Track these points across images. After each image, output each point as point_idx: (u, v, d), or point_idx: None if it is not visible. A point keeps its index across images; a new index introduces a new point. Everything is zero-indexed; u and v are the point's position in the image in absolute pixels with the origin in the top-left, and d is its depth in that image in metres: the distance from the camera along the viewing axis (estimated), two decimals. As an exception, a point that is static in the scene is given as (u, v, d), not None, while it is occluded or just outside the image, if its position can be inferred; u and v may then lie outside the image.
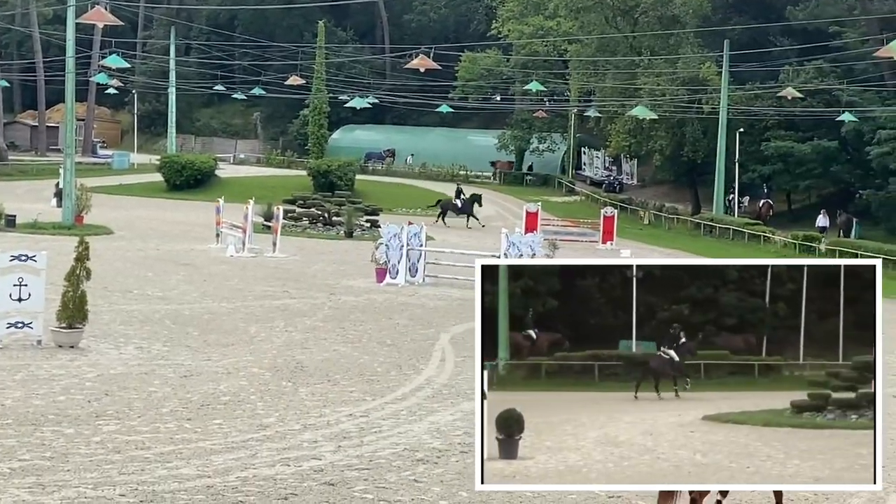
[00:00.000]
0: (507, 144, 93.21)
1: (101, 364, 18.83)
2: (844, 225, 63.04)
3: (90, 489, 11.76)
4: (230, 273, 33.92)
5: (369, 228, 50.95)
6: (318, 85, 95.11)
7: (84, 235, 23.75)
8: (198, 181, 74.98)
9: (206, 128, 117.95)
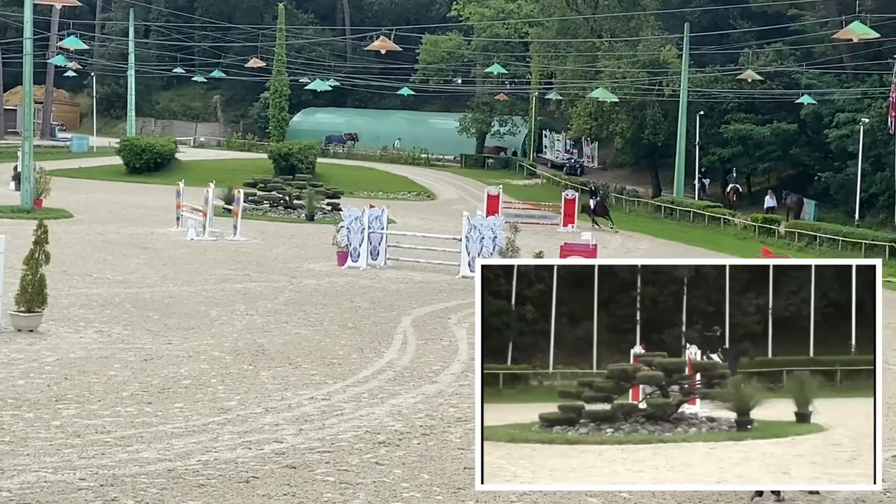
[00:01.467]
0: (469, 127, 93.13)
1: (61, 348, 18.74)
2: (795, 206, 63.37)
3: (50, 473, 11.71)
4: (191, 257, 33.79)
5: (330, 212, 50.85)
6: (278, 67, 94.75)
7: (43, 219, 23.60)
8: (158, 164, 74.52)
9: (166, 111, 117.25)
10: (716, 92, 70.72)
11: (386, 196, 65.45)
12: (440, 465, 12.91)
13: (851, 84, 66.86)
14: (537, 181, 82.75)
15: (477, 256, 32.68)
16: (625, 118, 74.37)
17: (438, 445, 13.86)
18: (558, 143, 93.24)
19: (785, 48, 70.92)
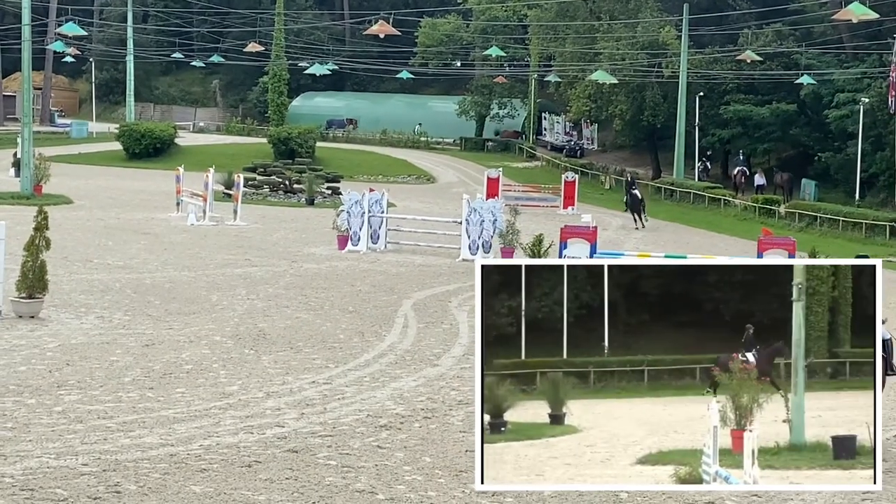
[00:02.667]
0: (468, 110, 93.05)
1: (62, 334, 18.76)
2: (785, 184, 63.25)
3: (53, 459, 11.74)
4: (191, 242, 33.81)
5: (330, 196, 50.83)
6: (277, 52, 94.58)
7: (43, 205, 23.62)
8: (157, 150, 74.50)
9: (165, 96, 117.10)
10: (715, 73, 70.60)
11: (386, 179, 65.44)
12: (442, 448, 12.94)
13: (851, 64, 66.73)
14: (537, 164, 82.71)
15: (477, 239, 32.71)
16: (624, 100, 74.26)
17: (440, 428, 13.89)
18: (558, 125, 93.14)
19: (784, 29, 70.76)
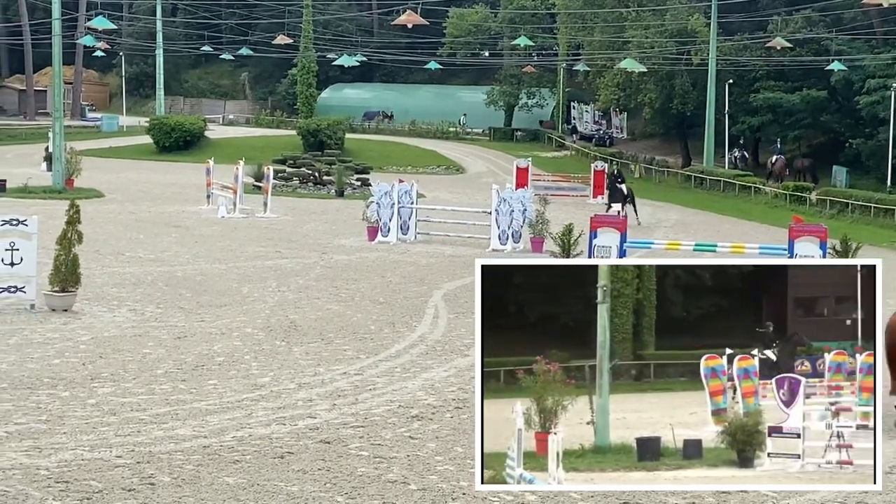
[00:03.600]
0: (497, 100, 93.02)
1: (95, 327, 18.87)
2: (807, 170, 62.84)
3: (87, 451, 11.82)
4: (222, 234, 33.93)
5: (360, 187, 50.89)
6: (305, 44, 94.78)
7: (75, 199, 23.71)
8: (187, 143, 74.79)
9: (195, 89, 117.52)
10: (745, 60, 70.29)
11: (415, 170, 65.49)
12: (473, 439, 12.94)
13: (882, 49, 66.26)
14: (566, 153, 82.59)
15: (507, 229, 32.71)
16: (653, 88, 74.01)
17: (471, 419, 13.89)
18: (587, 114, 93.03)
19: (814, 15, 70.38)
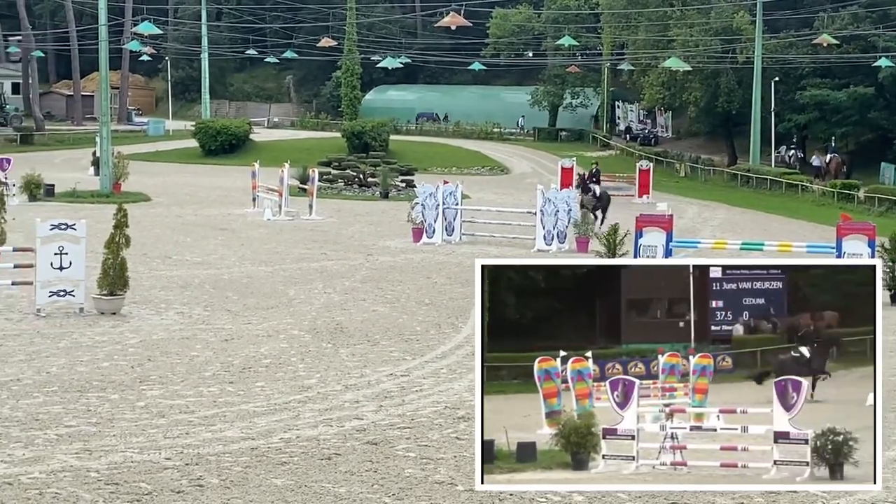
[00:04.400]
0: (540, 101, 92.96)
1: (143, 330, 19.00)
2: (839, 166, 62.25)
3: (136, 453, 11.90)
4: (267, 237, 34.06)
5: (405, 188, 50.96)
6: (349, 46, 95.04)
7: (122, 203, 23.91)
8: (233, 146, 75.17)
9: (240, 92, 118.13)
10: (790, 57, 69.89)
11: (459, 171, 65.51)
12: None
13: (930, 45, 65.75)
14: (611, 152, 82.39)
15: (552, 229, 32.67)
16: (698, 87, 73.74)
17: (518, 419, 13.89)
18: (631, 113, 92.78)
19: (860, 11, 69.89)
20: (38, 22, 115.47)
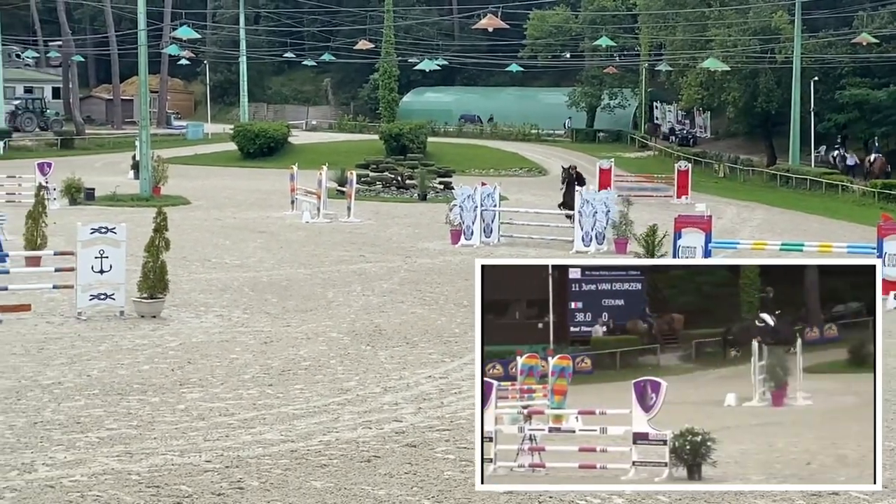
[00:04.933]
0: (578, 102, 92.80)
1: (183, 333, 19.09)
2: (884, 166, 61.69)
3: (177, 456, 11.96)
4: (306, 239, 34.17)
5: (443, 190, 51.00)
6: (387, 49, 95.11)
7: (162, 206, 24.04)
8: (271, 149, 75.43)
9: (278, 95, 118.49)
10: (830, 57, 69.43)
11: (497, 173, 65.52)
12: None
13: (971, 44, 65.17)
14: (649, 153, 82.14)
15: (590, 231, 32.61)
16: (737, 87, 73.37)
17: (557, 421, 13.87)
18: (669, 114, 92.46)
19: (901, 9, 69.34)
20: (78, 27, 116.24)
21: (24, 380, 15.43)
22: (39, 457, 11.84)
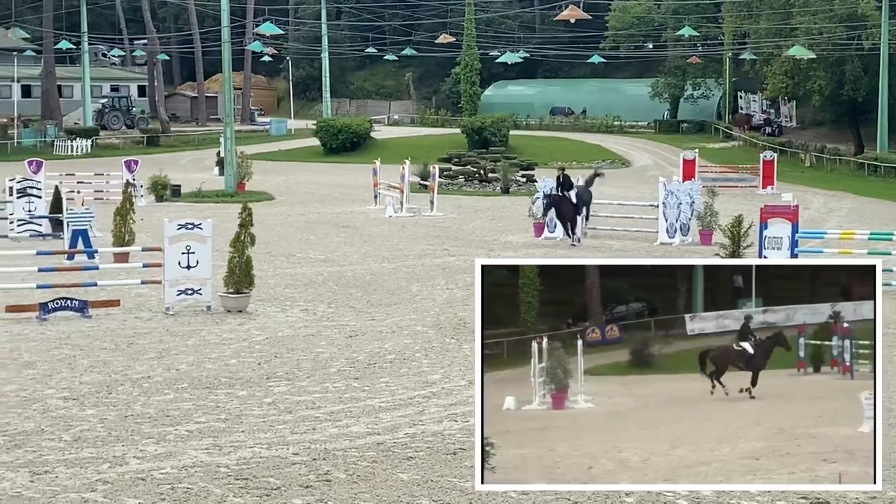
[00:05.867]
0: (661, 92, 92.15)
1: (269, 327, 19.24)
2: None
3: (264, 449, 12.06)
4: (389, 233, 34.27)
5: (525, 183, 50.92)
6: (468, 42, 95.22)
7: (246, 202, 24.23)
8: (354, 144, 75.77)
9: (360, 91, 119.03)
10: (919, 42, 68.21)
11: (580, 165, 65.22)
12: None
13: None
14: (734, 144, 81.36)
15: (675, 222, 32.36)
16: (823, 75, 72.37)
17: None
18: (754, 103, 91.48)
19: None
20: (163, 25, 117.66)
21: (114, 374, 15.64)
22: (130, 450, 12.00)
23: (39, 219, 32.05)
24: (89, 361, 16.45)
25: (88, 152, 75.01)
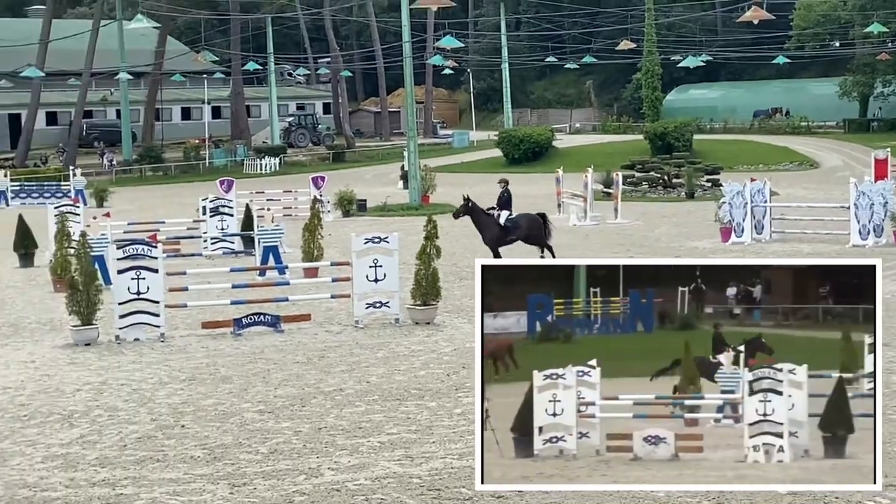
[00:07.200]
0: (850, 91, 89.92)
1: (457, 338, 19.34)
2: None
3: (455, 459, 12.13)
4: (574, 242, 34.15)
5: (710, 188, 50.23)
6: (649, 47, 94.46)
7: (431, 214, 24.45)
8: (536, 153, 75.86)
9: (541, 100, 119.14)
10: None
11: (766, 168, 64.08)
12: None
13: None
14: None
15: (868, 223, 31.52)
16: None
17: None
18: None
19: None
20: (345, 43, 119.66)
21: (307, 387, 15.94)
22: (325, 461, 12.21)
23: (232, 236, 32.87)
24: (283, 375, 16.80)
25: (276, 170, 76.76)
